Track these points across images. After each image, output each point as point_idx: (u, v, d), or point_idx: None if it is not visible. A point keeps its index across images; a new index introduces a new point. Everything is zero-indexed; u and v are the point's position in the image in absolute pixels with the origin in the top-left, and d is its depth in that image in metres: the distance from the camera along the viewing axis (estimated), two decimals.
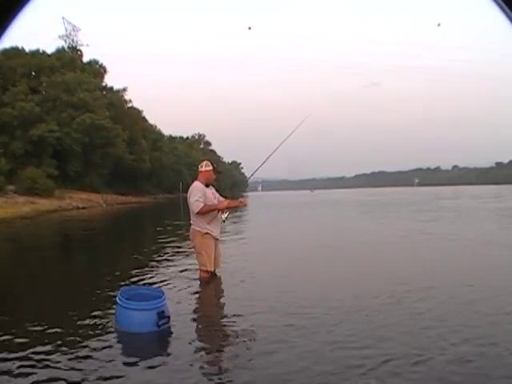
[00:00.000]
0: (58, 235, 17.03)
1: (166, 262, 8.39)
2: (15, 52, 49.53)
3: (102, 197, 45.67)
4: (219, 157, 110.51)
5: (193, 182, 6.46)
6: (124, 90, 64.54)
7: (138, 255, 9.84)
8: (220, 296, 5.89)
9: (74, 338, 4.09)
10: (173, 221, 19.07)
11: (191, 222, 6.36)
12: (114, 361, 3.57)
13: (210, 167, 6.37)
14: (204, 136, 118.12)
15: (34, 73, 52.15)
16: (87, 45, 65.21)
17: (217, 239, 6.41)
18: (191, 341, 4.08)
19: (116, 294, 4.59)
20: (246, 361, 3.56)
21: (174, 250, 9.94)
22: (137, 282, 6.52)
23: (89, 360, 3.56)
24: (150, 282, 6.58)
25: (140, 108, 68.33)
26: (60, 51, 59.66)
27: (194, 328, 4.51)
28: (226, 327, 4.49)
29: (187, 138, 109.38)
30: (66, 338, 4.11)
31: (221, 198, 6.52)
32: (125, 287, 5.09)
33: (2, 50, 41.13)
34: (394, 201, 39.19)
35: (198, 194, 6.13)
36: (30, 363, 3.53)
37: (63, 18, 65.31)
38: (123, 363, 3.55)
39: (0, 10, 1.04)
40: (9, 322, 4.68)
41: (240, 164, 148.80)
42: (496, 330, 4.12)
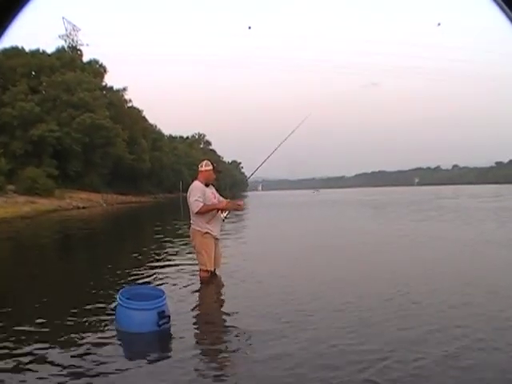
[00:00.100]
0: (58, 235, 17.03)
1: (166, 262, 8.39)
2: (15, 52, 49.55)
3: (102, 196, 45.71)
4: (219, 156, 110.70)
5: (193, 181, 6.46)
6: (124, 89, 64.73)
7: (138, 254, 9.85)
8: (220, 295, 5.89)
9: (74, 338, 4.09)
10: (173, 220, 19.09)
11: (191, 221, 6.37)
12: (115, 361, 3.57)
13: (210, 167, 6.38)
14: (204, 136, 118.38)
15: (34, 72, 52.18)
16: (87, 44, 65.35)
17: (217, 239, 6.41)
18: (191, 340, 4.08)
19: (116, 294, 4.59)
20: (245, 360, 3.57)
21: (174, 250, 9.95)
22: (137, 282, 6.52)
23: (89, 360, 3.57)
24: (151, 281, 6.59)
25: (140, 108, 68.58)
26: (60, 51, 59.68)
27: (195, 327, 4.51)
28: (226, 327, 4.50)
29: (187, 137, 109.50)
30: (66, 337, 4.12)
31: (220, 198, 6.53)
32: (125, 287, 5.10)
33: (2, 49, 41.15)
34: (394, 200, 39.19)
35: (198, 194, 6.14)
36: (30, 362, 3.54)
37: (63, 18, 65.44)
38: (123, 363, 3.56)
39: (0, 10, 1.04)
40: (9, 322, 4.68)
41: (240, 163, 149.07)
42: (496, 330, 4.12)
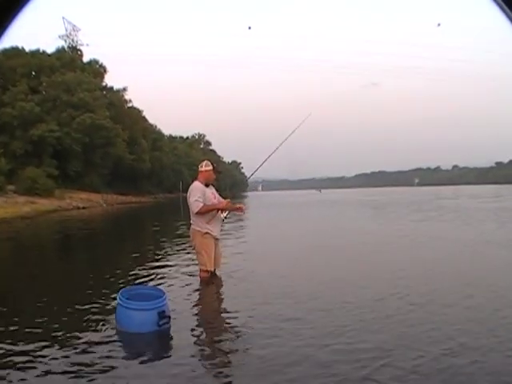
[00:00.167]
0: (58, 235, 17.03)
1: (165, 262, 8.39)
2: (15, 52, 49.56)
3: (102, 197, 45.71)
4: (219, 156, 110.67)
5: (193, 181, 6.46)
6: (124, 89, 64.71)
7: (138, 255, 9.86)
8: (220, 296, 5.89)
9: (74, 338, 4.09)
10: (173, 220, 19.10)
11: (191, 221, 6.37)
12: (115, 361, 3.57)
13: (210, 167, 6.38)
14: (204, 136, 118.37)
15: (34, 73, 52.19)
16: (87, 45, 65.37)
17: (217, 239, 6.41)
18: (192, 340, 4.08)
19: (116, 294, 4.59)
20: (245, 359, 3.57)
21: (174, 250, 9.96)
22: (137, 282, 6.52)
23: (89, 360, 3.57)
24: (151, 281, 6.59)
25: (140, 108, 68.54)
26: (60, 51, 59.71)
27: (195, 327, 4.51)
28: (226, 326, 4.50)
29: (187, 137, 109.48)
30: (66, 337, 4.12)
31: (220, 199, 6.52)
32: (125, 287, 5.10)
33: (2, 49, 41.16)
34: (393, 201, 39.18)
35: (198, 194, 6.14)
36: (29, 361, 3.54)
37: (63, 18, 65.46)
38: (123, 363, 3.55)
39: (0, 10, 1.04)
40: (9, 322, 4.68)
41: (240, 164, 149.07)
42: (496, 331, 4.12)
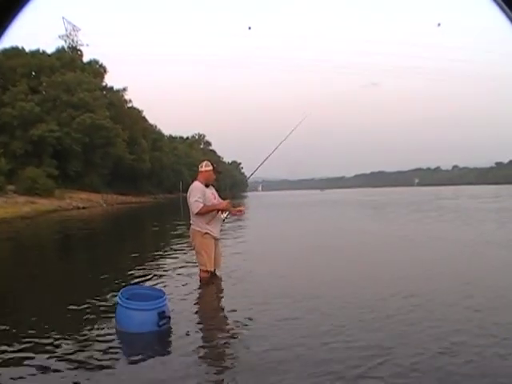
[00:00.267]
0: (58, 235, 17.03)
1: (165, 262, 8.39)
2: (15, 52, 49.57)
3: (102, 197, 45.72)
4: (219, 157, 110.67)
5: (193, 181, 6.45)
6: (124, 89, 64.73)
7: (137, 255, 9.86)
8: (220, 296, 5.89)
9: (74, 338, 4.10)
10: (173, 221, 19.08)
11: (191, 221, 6.36)
12: (114, 360, 3.58)
13: (210, 167, 6.37)
14: (204, 136, 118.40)
15: (34, 73, 52.20)
16: (87, 45, 65.35)
17: (217, 239, 6.41)
18: (191, 341, 4.07)
19: (116, 294, 4.59)
20: (244, 359, 3.57)
21: (174, 250, 9.95)
22: (137, 282, 6.52)
23: (88, 359, 3.57)
24: (150, 281, 6.59)
25: (140, 108, 68.56)
26: (60, 51, 59.71)
27: (195, 328, 4.51)
28: (225, 327, 4.50)
29: (187, 137, 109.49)
30: (66, 337, 4.12)
31: (220, 200, 6.51)
32: (125, 287, 5.10)
33: (2, 49, 41.16)
34: (393, 201, 39.16)
35: (198, 195, 6.13)
36: (29, 361, 3.54)
37: (63, 18, 65.45)
38: (123, 363, 3.56)
39: (0, 10, 1.04)
40: (9, 322, 4.68)
41: (240, 164, 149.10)
42: (495, 331, 4.12)
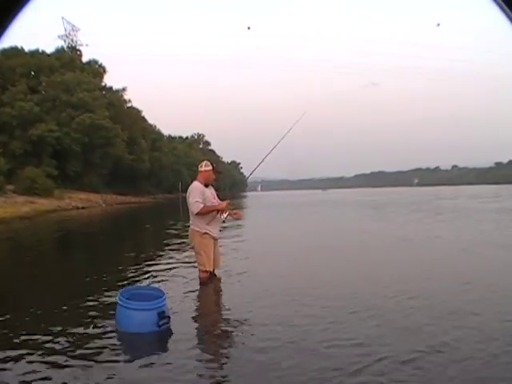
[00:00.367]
0: (58, 235, 17.02)
1: (165, 262, 8.38)
2: (15, 52, 49.57)
3: (102, 197, 45.73)
4: (219, 157, 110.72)
5: (192, 181, 6.44)
6: (123, 89, 64.78)
7: (137, 255, 9.85)
8: (219, 296, 5.89)
9: (74, 338, 4.09)
10: (172, 221, 19.07)
11: (190, 222, 6.35)
12: (114, 360, 3.58)
13: (210, 167, 6.36)
14: (203, 136, 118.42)
15: (33, 72, 52.21)
16: (86, 45, 65.40)
17: (216, 239, 6.40)
18: (191, 341, 4.08)
19: (116, 294, 4.59)
20: (243, 359, 3.57)
21: (173, 250, 9.94)
22: (136, 282, 6.52)
23: (88, 359, 3.57)
24: (150, 281, 6.59)
25: (139, 108, 68.57)
26: (59, 51, 59.72)
27: (194, 328, 4.51)
28: (225, 327, 4.50)
29: (186, 137, 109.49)
30: (65, 337, 4.11)
31: (219, 200, 6.50)
32: (125, 287, 5.10)
33: (2, 49, 41.18)
34: (393, 201, 39.18)
35: (198, 195, 6.12)
36: (28, 361, 3.54)
37: (63, 18, 65.46)
38: (123, 363, 3.56)
39: (0, 10, 1.04)
40: (9, 322, 4.68)
41: (239, 164, 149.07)
42: (492, 330, 4.12)
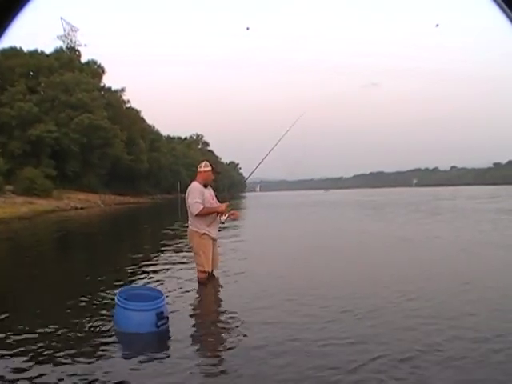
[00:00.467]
0: (57, 235, 17.01)
1: (163, 263, 8.37)
2: (13, 52, 49.54)
3: (100, 197, 45.72)
4: (217, 157, 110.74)
5: (191, 182, 6.44)
6: (122, 90, 64.81)
7: (135, 255, 9.84)
8: (218, 296, 5.89)
9: (72, 338, 4.09)
10: (171, 221, 19.06)
11: (189, 222, 6.34)
12: (112, 361, 3.58)
13: (209, 168, 6.36)
14: (202, 136, 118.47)
15: (32, 73, 52.19)
16: (85, 45, 65.39)
17: (215, 240, 6.39)
18: (190, 341, 4.08)
19: (114, 295, 4.59)
20: (242, 359, 3.57)
21: (172, 251, 9.94)
22: (135, 282, 6.52)
23: (86, 360, 3.56)
24: (149, 282, 6.58)
25: (138, 108, 68.58)
26: (58, 51, 59.73)
27: (193, 328, 4.51)
28: (223, 327, 4.49)
29: (185, 138, 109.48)
30: (64, 338, 4.11)
31: (217, 201, 6.49)
32: (124, 287, 5.09)
33: (1, 49, 41.13)
34: (392, 201, 39.21)
35: (197, 196, 6.10)
36: (27, 360, 3.54)
37: (61, 19, 65.38)
38: (121, 363, 3.56)
39: (0, 10, 1.04)
40: (8, 322, 4.68)
41: (238, 164, 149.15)
42: (489, 330, 4.13)
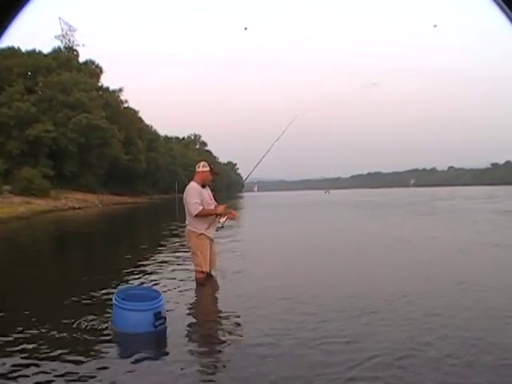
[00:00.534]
0: (54, 235, 16.99)
1: (161, 263, 8.36)
2: (11, 52, 49.48)
3: (98, 197, 45.66)
4: (215, 157, 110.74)
5: (189, 182, 6.44)
6: (120, 90, 64.76)
7: (133, 255, 9.84)
8: (215, 296, 5.89)
9: (69, 338, 4.08)
10: (168, 221, 19.05)
11: (186, 222, 6.33)
12: (110, 361, 3.57)
13: (208, 168, 6.35)
14: (200, 136, 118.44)
15: (30, 73, 52.09)
16: (83, 45, 65.31)
17: (212, 240, 6.39)
18: (187, 341, 4.09)
19: (112, 295, 4.58)
20: (239, 360, 3.57)
21: (170, 251, 9.94)
22: (132, 282, 6.51)
23: (84, 360, 3.56)
24: (146, 282, 6.58)
25: (136, 108, 68.54)
26: (56, 51, 59.63)
27: (190, 328, 4.51)
28: (221, 327, 4.50)
29: (183, 138, 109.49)
30: (61, 337, 4.11)
31: (215, 202, 6.48)
32: (121, 287, 5.09)
33: None
34: (389, 202, 39.25)
35: (196, 196, 6.09)
36: (24, 359, 3.54)
37: (59, 19, 65.37)
38: (119, 363, 3.55)
39: (0, 10, 1.05)
40: (6, 322, 4.67)
41: (236, 165, 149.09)
42: (486, 330, 4.15)
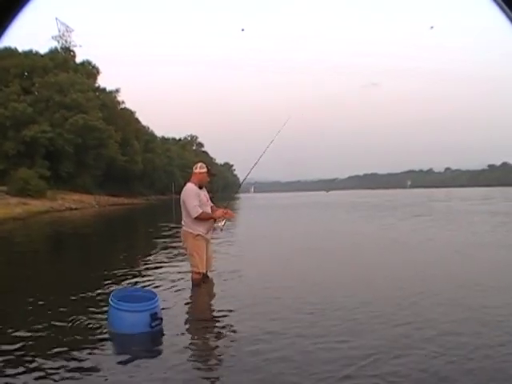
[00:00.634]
0: (50, 236, 16.94)
1: (157, 263, 8.36)
2: (8, 52, 49.34)
3: (95, 198, 45.57)
4: (212, 158, 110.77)
5: (186, 183, 6.43)
6: (117, 91, 64.67)
7: (129, 256, 9.83)
8: (212, 297, 5.88)
9: (65, 339, 4.08)
10: (164, 222, 19.01)
11: (182, 223, 6.30)
12: (106, 361, 3.58)
13: (205, 169, 6.34)
14: (197, 137, 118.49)
15: (26, 73, 52.00)
16: (80, 45, 65.20)
17: (208, 240, 6.38)
18: (184, 341, 4.08)
19: (108, 295, 4.58)
20: (235, 360, 3.59)
21: (166, 252, 9.92)
22: (129, 283, 6.51)
23: (80, 361, 3.56)
24: (143, 283, 6.58)
25: (133, 109, 68.34)
26: (53, 52, 59.49)
27: (187, 329, 4.51)
28: (217, 328, 4.50)
29: (180, 139, 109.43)
30: (57, 338, 4.11)
31: (211, 203, 6.46)
32: (118, 289, 5.09)
33: None
34: (386, 203, 39.30)
35: (194, 198, 6.05)
36: (21, 357, 3.55)
37: (56, 19, 65.21)
38: (115, 364, 3.55)
39: (0, 10, 1.05)
40: (3, 323, 4.66)
41: (232, 166, 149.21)
42: (482, 327, 4.17)
